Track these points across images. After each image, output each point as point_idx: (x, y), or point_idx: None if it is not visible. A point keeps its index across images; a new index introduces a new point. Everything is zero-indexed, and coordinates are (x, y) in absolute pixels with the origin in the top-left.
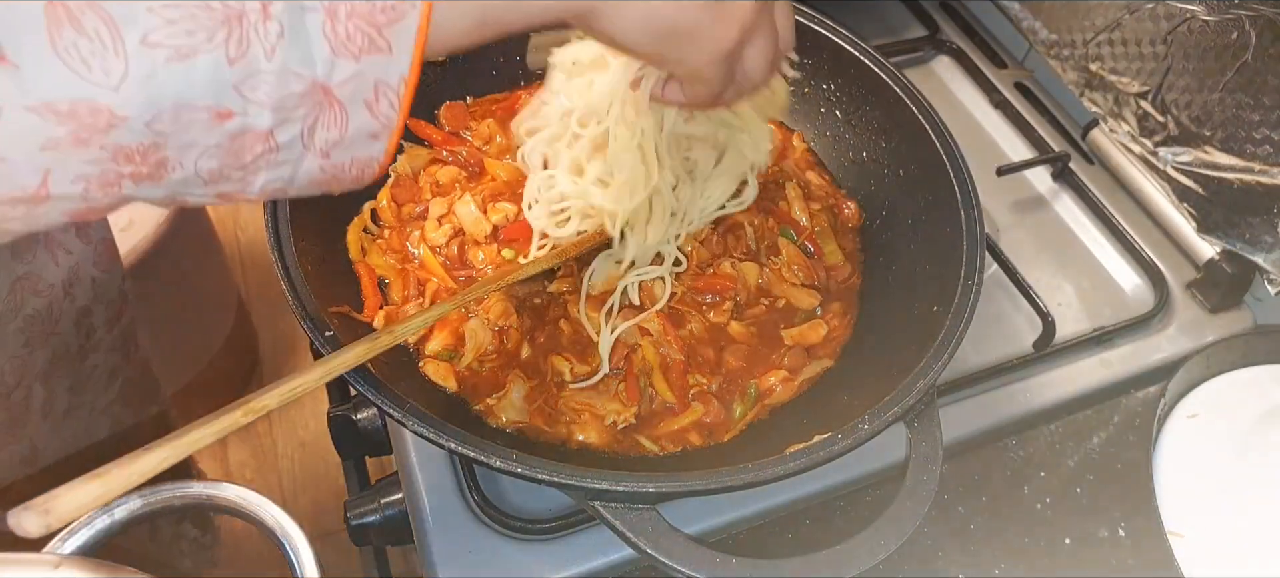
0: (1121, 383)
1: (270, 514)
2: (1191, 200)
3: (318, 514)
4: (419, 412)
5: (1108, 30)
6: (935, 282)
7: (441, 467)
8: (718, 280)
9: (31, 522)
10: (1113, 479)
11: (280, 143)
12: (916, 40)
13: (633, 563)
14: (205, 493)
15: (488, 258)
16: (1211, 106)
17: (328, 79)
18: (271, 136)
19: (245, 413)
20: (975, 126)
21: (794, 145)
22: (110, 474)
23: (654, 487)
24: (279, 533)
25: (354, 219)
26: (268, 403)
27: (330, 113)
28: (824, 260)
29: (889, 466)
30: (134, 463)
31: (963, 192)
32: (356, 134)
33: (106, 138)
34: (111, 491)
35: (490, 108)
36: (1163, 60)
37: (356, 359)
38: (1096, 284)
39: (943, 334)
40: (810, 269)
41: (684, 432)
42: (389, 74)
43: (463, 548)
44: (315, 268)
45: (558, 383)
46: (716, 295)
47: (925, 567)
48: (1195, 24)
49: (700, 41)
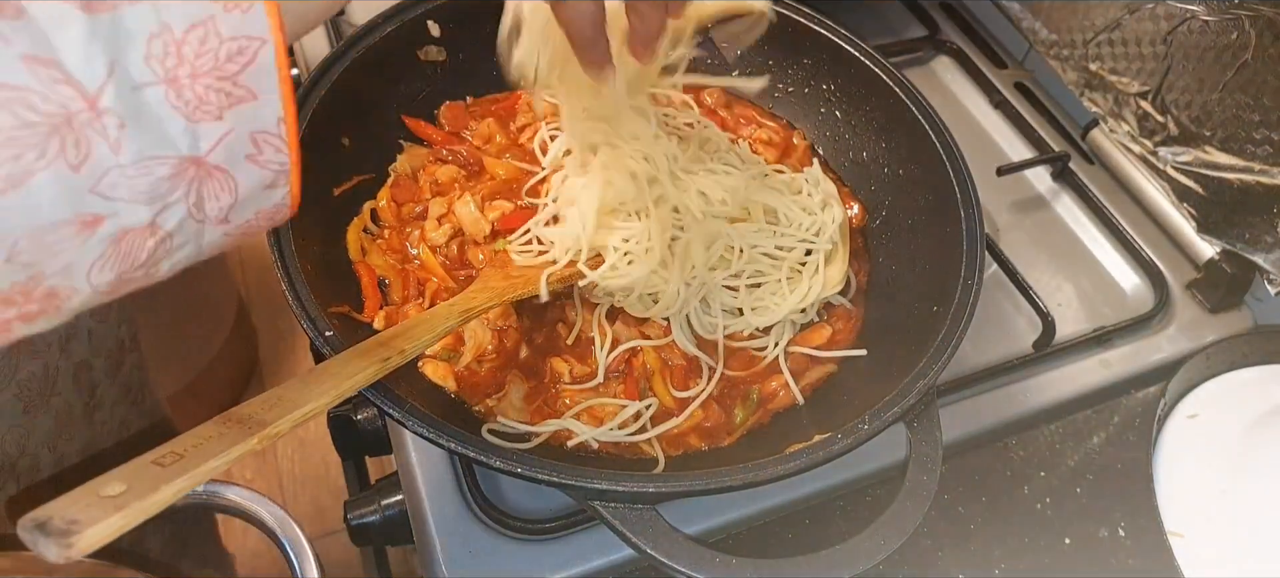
0: (1121, 383)
1: (270, 514)
2: (1191, 200)
3: (318, 514)
4: (419, 412)
5: (1108, 30)
6: (935, 282)
7: (441, 467)
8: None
9: (52, 552)
10: (1113, 479)
11: (169, 230)
12: (916, 40)
13: (633, 563)
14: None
15: (487, 258)
16: (1211, 106)
17: (194, 151)
18: (155, 227)
19: (260, 440)
20: (975, 126)
21: (795, 144)
22: (130, 507)
23: (654, 487)
24: (279, 533)
25: (354, 219)
26: (281, 428)
27: (212, 182)
28: None
29: (889, 466)
30: (154, 494)
31: (963, 192)
32: (250, 192)
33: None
34: (130, 522)
35: (490, 108)
36: (1163, 60)
37: (368, 379)
38: (1096, 284)
39: (943, 334)
40: None
41: (683, 435)
42: (263, 120)
43: (463, 548)
44: (315, 268)
45: (556, 384)
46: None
47: (925, 567)
48: (1195, 24)
49: None
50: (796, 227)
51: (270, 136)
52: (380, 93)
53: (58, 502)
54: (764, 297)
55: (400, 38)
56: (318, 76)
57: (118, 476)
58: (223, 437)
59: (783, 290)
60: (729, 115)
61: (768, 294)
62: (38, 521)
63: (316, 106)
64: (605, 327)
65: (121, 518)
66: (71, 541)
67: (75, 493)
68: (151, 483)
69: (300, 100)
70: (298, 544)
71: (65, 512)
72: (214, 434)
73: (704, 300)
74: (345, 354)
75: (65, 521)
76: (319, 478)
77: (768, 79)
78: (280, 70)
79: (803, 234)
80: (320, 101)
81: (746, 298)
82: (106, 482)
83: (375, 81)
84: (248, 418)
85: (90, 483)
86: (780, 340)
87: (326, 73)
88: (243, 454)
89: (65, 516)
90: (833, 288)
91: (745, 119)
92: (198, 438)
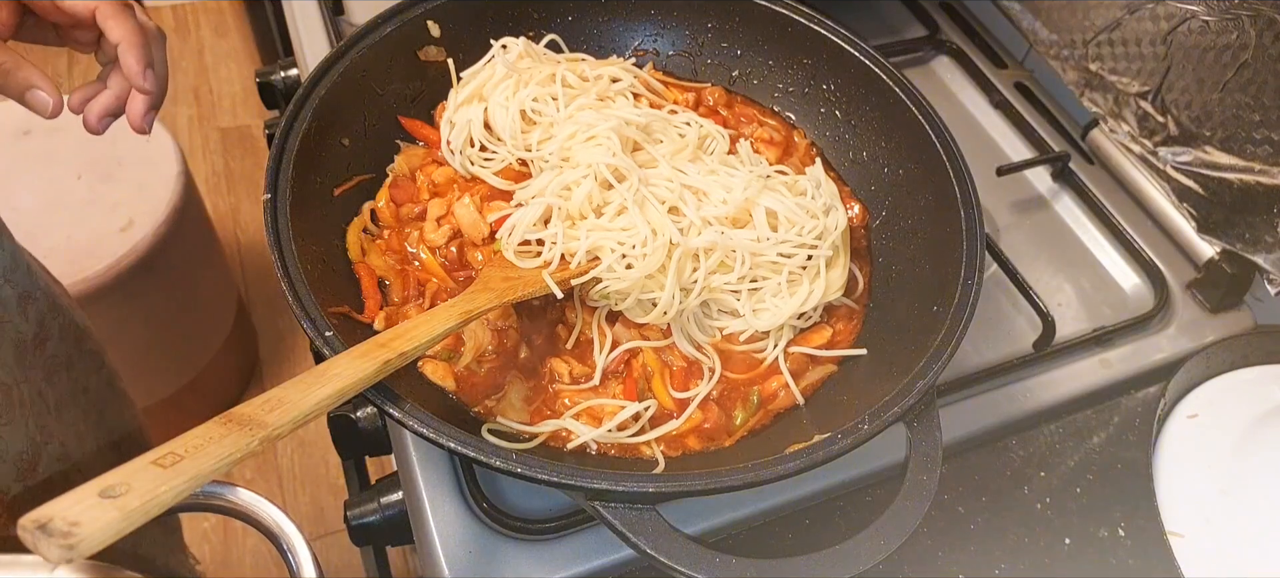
0: (1121, 383)
1: (269, 515)
2: (1191, 200)
3: (318, 514)
4: (419, 412)
5: (1108, 30)
6: (935, 282)
7: (442, 467)
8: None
9: (54, 553)
10: (1113, 479)
11: None
12: (916, 40)
13: (633, 563)
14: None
15: (486, 258)
16: (1211, 106)
17: None
18: None
19: (261, 443)
20: (975, 126)
21: (796, 142)
22: (131, 508)
23: (654, 487)
24: (277, 534)
25: (354, 220)
26: (281, 431)
27: None
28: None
29: (889, 466)
30: (155, 495)
31: (963, 192)
32: None
33: None
34: (131, 523)
35: None
36: (1163, 60)
37: (368, 381)
38: (1096, 284)
39: (943, 334)
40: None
41: (682, 437)
42: None
43: (463, 548)
44: (315, 268)
45: (555, 384)
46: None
47: (925, 567)
48: (1195, 24)
49: None
50: (799, 229)
51: None
52: (381, 93)
53: (58, 502)
54: (764, 299)
55: (400, 38)
56: (318, 76)
57: (118, 476)
58: (223, 438)
59: (783, 293)
60: (730, 114)
61: (768, 296)
62: (39, 521)
63: (317, 106)
64: (605, 329)
65: (123, 520)
66: (73, 542)
67: (75, 493)
68: (152, 484)
69: (300, 100)
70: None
71: (66, 513)
72: (214, 436)
73: (705, 305)
74: (345, 355)
75: (67, 522)
76: (319, 478)
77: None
78: None
79: (804, 238)
80: (320, 101)
81: (747, 301)
82: (107, 482)
83: (375, 81)
84: (248, 419)
85: (90, 483)
86: (780, 342)
87: (327, 73)
88: (243, 456)
89: (66, 517)
90: (834, 292)
91: (746, 118)
92: (198, 439)
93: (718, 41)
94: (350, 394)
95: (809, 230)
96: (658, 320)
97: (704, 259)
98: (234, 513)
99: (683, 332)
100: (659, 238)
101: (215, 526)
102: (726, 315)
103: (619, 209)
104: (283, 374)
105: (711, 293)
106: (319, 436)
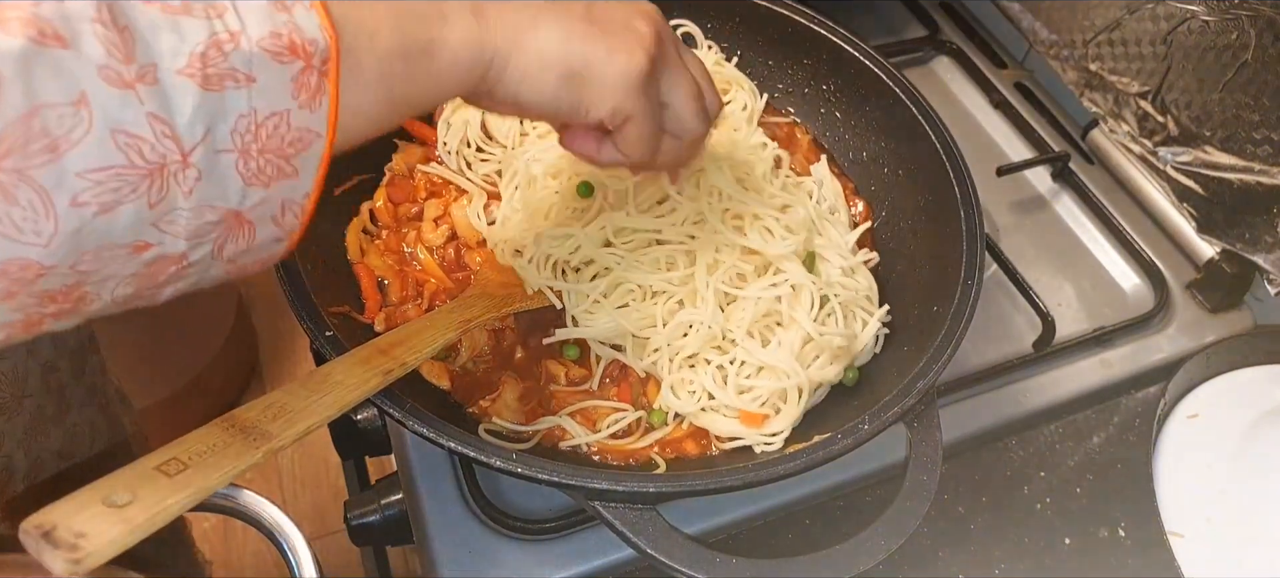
0: (1121, 383)
1: (269, 515)
2: (1191, 200)
3: (318, 514)
4: (419, 412)
5: (1108, 30)
6: (935, 282)
7: (441, 467)
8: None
9: (59, 566)
10: (1113, 479)
11: (192, 261)
12: (916, 40)
13: (633, 563)
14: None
15: (484, 259)
16: (1211, 106)
17: (241, 206)
18: (185, 257)
19: (264, 454)
20: (975, 126)
21: (799, 138)
22: (138, 519)
23: (654, 487)
24: (278, 534)
25: (353, 220)
26: (284, 441)
27: (240, 231)
28: None
29: (889, 465)
30: (162, 505)
31: (963, 192)
32: (262, 243)
33: (34, 287)
34: (138, 535)
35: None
36: (1163, 60)
37: (370, 391)
38: (1096, 284)
39: (943, 334)
40: None
41: (679, 440)
42: (295, 194)
43: (463, 548)
44: (315, 268)
45: (550, 386)
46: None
47: (925, 567)
48: (1195, 24)
49: (606, 70)
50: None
51: (295, 206)
52: None
53: (62, 507)
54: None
55: None
56: None
57: (123, 482)
58: (227, 448)
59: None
60: None
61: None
62: (43, 527)
63: None
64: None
65: (129, 533)
66: (79, 556)
67: (79, 498)
68: (159, 494)
69: None
70: (296, 545)
71: (71, 523)
72: (218, 444)
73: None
74: (346, 361)
75: (72, 533)
76: (319, 478)
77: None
78: (324, 162)
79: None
80: None
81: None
82: (111, 488)
83: None
84: (250, 426)
85: (94, 487)
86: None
87: None
88: (247, 469)
89: (72, 527)
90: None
91: None
92: (201, 445)
93: (717, 42)
94: (352, 405)
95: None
96: (651, 369)
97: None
98: (235, 513)
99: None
100: (702, 331)
101: (215, 525)
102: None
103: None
104: (283, 374)
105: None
106: (319, 435)
